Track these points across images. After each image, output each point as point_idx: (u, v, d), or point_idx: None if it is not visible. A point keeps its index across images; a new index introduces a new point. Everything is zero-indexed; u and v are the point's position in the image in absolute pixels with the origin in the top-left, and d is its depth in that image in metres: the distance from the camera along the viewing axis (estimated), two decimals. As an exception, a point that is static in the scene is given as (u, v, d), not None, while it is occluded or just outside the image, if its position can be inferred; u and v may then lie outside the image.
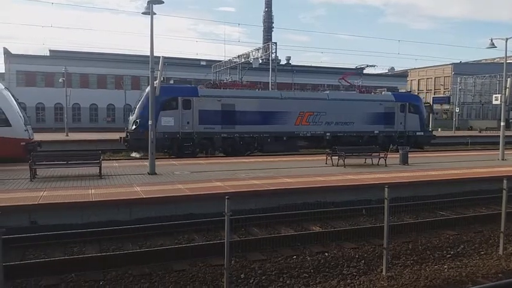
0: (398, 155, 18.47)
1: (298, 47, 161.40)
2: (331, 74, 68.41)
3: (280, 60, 66.92)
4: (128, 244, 8.51)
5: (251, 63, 45.50)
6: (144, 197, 10.62)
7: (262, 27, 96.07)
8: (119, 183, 12.39)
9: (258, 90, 27.93)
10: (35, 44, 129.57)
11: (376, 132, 26.07)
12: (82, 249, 8.20)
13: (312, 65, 72.23)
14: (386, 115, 26.59)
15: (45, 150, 17.16)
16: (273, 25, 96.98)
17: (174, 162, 18.10)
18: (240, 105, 23.04)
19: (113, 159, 19.05)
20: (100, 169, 13.45)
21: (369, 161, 17.92)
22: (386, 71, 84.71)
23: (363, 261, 7.78)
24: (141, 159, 19.65)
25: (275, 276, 7.01)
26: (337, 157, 17.19)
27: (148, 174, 14.12)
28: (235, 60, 48.95)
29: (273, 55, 42.77)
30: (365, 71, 64.74)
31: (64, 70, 38.89)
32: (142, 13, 13.94)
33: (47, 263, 7.16)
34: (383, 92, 29.36)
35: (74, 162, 13.68)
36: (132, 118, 21.81)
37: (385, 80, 74.66)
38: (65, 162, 13.54)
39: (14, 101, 16.94)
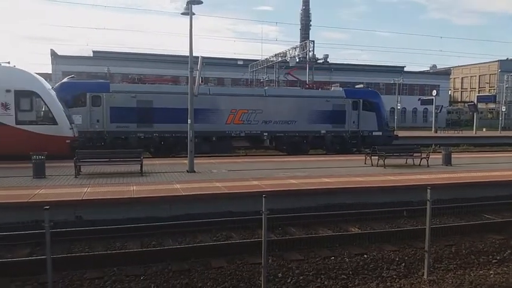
0: (441, 156, 17.89)
1: (337, 45, 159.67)
2: (370, 72, 67.27)
3: (317, 58, 66.27)
4: (168, 240, 8.69)
5: (288, 61, 45.32)
6: (184, 194, 10.82)
7: (300, 26, 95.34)
8: (159, 181, 12.67)
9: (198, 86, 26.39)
10: (80, 45, 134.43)
11: (322, 132, 24.08)
12: (124, 244, 8.43)
13: (351, 63, 71.10)
14: (335, 113, 24.34)
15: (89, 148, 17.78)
16: (311, 23, 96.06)
17: (212, 160, 18.32)
18: (159, 101, 21.24)
19: (153, 157, 19.48)
20: (141, 166, 13.82)
21: (410, 161, 17.45)
22: (428, 69, 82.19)
23: (403, 264, 7.59)
24: (180, 157, 19.98)
25: (313, 277, 6.96)
26: (376, 157, 16.85)
27: (187, 172, 14.37)
28: (272, 59, 48.91)
29: (310, 53, 42.42)
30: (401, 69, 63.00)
31: (107, 70, 40.17)
32: (182, 14, 14.17)
33: (90, 256, 7.42)
34: (332, 88, 27.05)
35: (117, 160, 14.11)
36: None
37: (427, 78, 72.51)
38: (108, 160, 13.99)
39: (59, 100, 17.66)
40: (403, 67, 70.83)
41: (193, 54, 14.60)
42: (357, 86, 28.92)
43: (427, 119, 64.62)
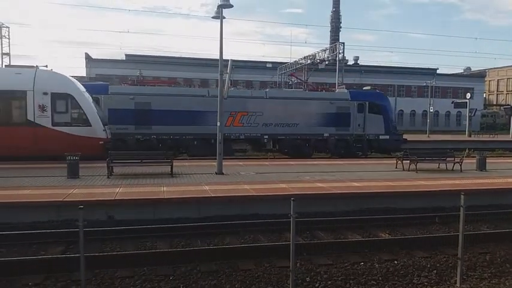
0: (474, 161, 17.35)
1: (367, 47, 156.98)
2: (401, 74, 66.04)
3: (347, 60, 65.57)
4: (197, 241, 8.78)
5: (317, 64, 45.05)
6: (212, 195, 10.91)
7: (330, 28, 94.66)
8: (189, 182, 12.83)
9: (192, 87, 25.64)
10: (113, 48, 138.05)
11: (325, 135, 23.44)
12: (154, 244, 8.58)
13: (382, 65, 70.02)
14: (339, 116, 23.63)
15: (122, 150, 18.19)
16: (341, 25, 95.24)
17: (240, 163, 18.40)
18: (157, 103, 21.15)
19: (183, 159, 19.75)
20: (171, 168, 14.04)
21: (442, 166, 17.01)
22: (462, 71, 79.94)
23: (434, 271, 7.41)
24: (209, 159, 20.15)
25: (341, 282, 6.89)
26: (408, 161, 16.50)
27: (216, 174, 14.50)
28: (301, 61, 48.75)
29: (340, 55, 42.03)
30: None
31: (139, 73, 41.05)
32: (213, 17, 14.33)
33: (122, 255, 7.59)
34: (337, 90, 26.17)
35: (148, 161, 14.38)
36: None
37: (460, 80, 70.58)
38: (139, 161, 14.28)
39: (93, 102, 18.19)
40: (435, 69, 69.19)
41: (223, 58, 14.72)
42: (364, 88, 28.12)
43: (461, 122, 62.75)
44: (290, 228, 6.07)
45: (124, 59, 59.83)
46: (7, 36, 39.84)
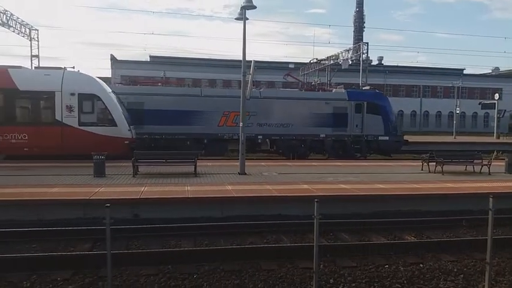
0: (503, 163, 16.89)
1: (392, 47, 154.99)
2: (427, 75, 64.86)
3: (371, 60, 64.85)
4: (220, 240, 8.84)
5: (340, 64, 44.72)
6: (235, 195, 10.96)
7: (353, 28, 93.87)
8: (212, 182, 12.93)
9: (186, 87, 24.94)
10: (138, 50, 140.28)
11: (322, 135, 22.88)
12: (178, 243, 8.68)
13: (407, 65, 68.92)
14: (336, 116, 23.05)
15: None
16: (365, 25, 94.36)
17: (263, 163, 18.41)
18: (150, 103, 21.01)
19: (206, 159, 19.90)
20: (195, 167, 14.17)
21: (469, 168, 16.62)
22: (490, 71, 77.91)
23: (461, 275, 7.25)
24: (232, 159, 20.26)
25: (366, 285, 6.82)
26: (434, 163, 16.19)
27: (239, 174, 14.55)
28: (324, 62, 48.45)
29: (364, 55, 41.65)
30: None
31: (163, 74, 41.64)
32: (236, 19, 14.40)
33: (147, 253, 7.70)
34: (334, 90, 25.42)
35: (172, 161, 14.56)
36: None
37: (488, 81, 68.81)
38: (164, 161, 14.47)
39: (118, 103, 18.53)
40: (462, 69, 67.71)
41: (246, 59, 14.76)
42: (364, 88, 27.57)
43: (488, 123, 61.28)
44: (314, 230, 6.04)
45: (148, 60, 60.72)
46: (36, 39, 40.91)
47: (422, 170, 16.68)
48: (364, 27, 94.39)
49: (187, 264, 7.30)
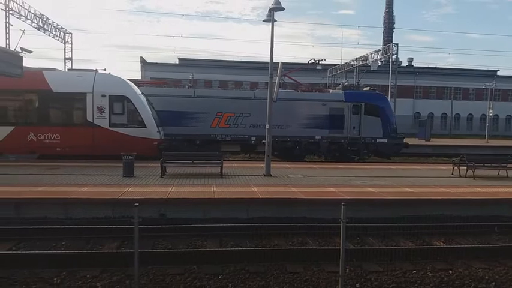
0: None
1: (422, 48, 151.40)
2: (458, 76, 63.17)
3: (401, 62, 63.70)
4: (245, 241, 8.87)
5: (369, 65, 44.15)
6: (261, 197, 10.97)
7: (382, 28, 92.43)
8: (238, 183, 12.98)
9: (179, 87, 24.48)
10: (167, 52, 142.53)
11: (317, 137, 22.21)
12: (203, 243, 8.75)
13: (437, 66, 67.36)
14: (332, 118, 22.38)
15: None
16: (394, 26, 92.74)
17: (288, 165, 18.36)
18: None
19: (232, 160, 20.02)
20: (221, 169, 14.27)
21: (503, 173, 16.07)
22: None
23: (493, 283, 7.04)
24: (257, 161, 20.28)
25: (392, 290, 6.69)
26: (465, 167, 15.74)
27: (264, 175, 14.56)
28: (352, 63, 47.96)
29: (393, 57, 40.96)
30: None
31: (191, 77, 42.16)
32: (264, 20, 14.43)
33: (173, 253, 7.80)
34: (331, 91, 24.77)
35: (199, 162, 14.71)
36: None
37: (525, 82, 66.34)
38: (191, 162, 14.63)
39: (148, 104, 18.86)
40: (495, 71, 65.58)
41: (273, 60, 14.76)
42: (364, 89, 26.92)
43: (524, 127, 59.19)
44: (340, 233, 5.99)
45: (177, 62, 61.56)
46: (70, 42, 42.18)
47: (452, 174, 16.26)
48: (394, 28, 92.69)
49: (213, 265, 7.35)
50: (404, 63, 69.68)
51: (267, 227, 9.59)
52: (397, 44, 40.96)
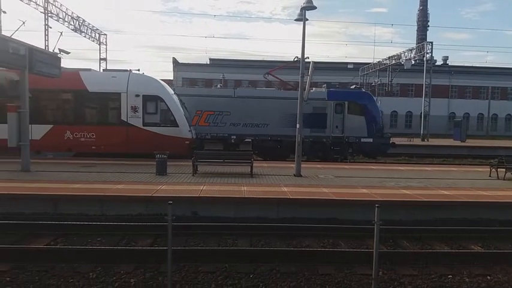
0: None
1: (458, 46, 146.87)
2: (496, 75, 61.01)
3: (435, 60, 62.02)
4: (276, 241, 8.85)
5: (402, 64, 43.29)
6: (291, 197, 10.93)
7: (416, 27, 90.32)
8: (268, 183, 12.98)
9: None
10: (199, 53, 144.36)
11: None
12: (234, 242, 8.78)
13: (474, 65, 65.23)
14: (314, 116, 21.84)
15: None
16: (429, 23, 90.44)
17: (319, 165, 18.23)
18: None
19: (262, 160, 20.04)
20: (251, 168, 14.31)
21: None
22: None
23: (535, 291, 6.73)
24: (287, 161, 20.21)
25: (427, 294, 6.52)
26: (504, 169, 15.17)
27: (294, 176, 14.50)
28: (385, 62, 47.11)
29: (428, 55, 39.99)
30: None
31: (222, 77, 42.50)
32: (295, 20, 14.37)
33: (205, 251, 7.87)
34: (314, 89, 23.81)
35: (229, 161, 14.81)
36: None
37: None
38: (222, 161, 14.75)
39: (180, 104, 19.13)
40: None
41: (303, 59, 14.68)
42: (351, 87, 26.09)
43: None
44: (373, 235, 5.88)
45: (208, 63, 62.20)
46: (104, 43, 43.37)
47: (490, 176, 15.71)
48: (428, 26, 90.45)
49: (244, 264, 7.37)
50: (439, 62, 67.88)
51: (298, 227, 9.54)
52: (431, 43, 40.01)
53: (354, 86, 25.60)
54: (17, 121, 13.82)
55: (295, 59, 28.57)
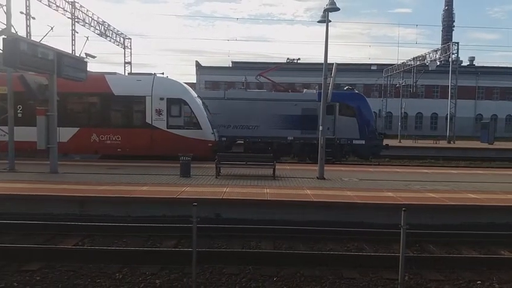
0: None
1: (485, 46, 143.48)
2: (526, 76, 59.26)
3: (461, 61, 60.75)
4: (299, 244, 8.81)
5: (427, 65, 42.53)
6: (314, 200, 10.85)
7: (441, 27, 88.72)
8: (290, 185, 12.93)
9: None
10: (221, 56, 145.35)
11: (289, 138, 21.71)
12: (258, 244, 8.79)
13: (502, 65, 63.56)
14: (305, 118, 21.67)
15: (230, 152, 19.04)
16: (454, 23, 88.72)
17: (342, 168, 18.07)
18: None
19: (284, 163, 20.00)
20: (274, 171, 14.30)
21: None
22: None
23: None
24: (310, 163, 20.10)
25: (456, 300, 6.38)
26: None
27: (317, 178, 14.40)
28: (409, 63, 46.40)
29: (453, 56, 39.19)
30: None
31: (244, 80, 42.67)
32: (318, 21, 14.31)
33: (229, 253, 7.89)
34: (305, 90, 23.66)
35: (252, 163, 14.84)
36: None
37: None
38: (244, 163, 14.79)
39: (203, 107, 19.29)
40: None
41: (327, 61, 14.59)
42: (344, 88, 25.59)
43: None
44: (399, 240, 5.80)
45: (230, 66, 62.54)
46: (129, 47, 44.11)
47: (521, 179, 15.26)
48: (454, 26, 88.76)
49: (268, 266, 7.36)
50: (465, 63, 66.50)
51: (322, 230, 9.47)
52: (457, 43, 39.18)
53: (347, 87, 25.45)
54: (46, 124, 14.18)
55: (288, 61, 28.79)
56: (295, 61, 27.84)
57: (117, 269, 7.21)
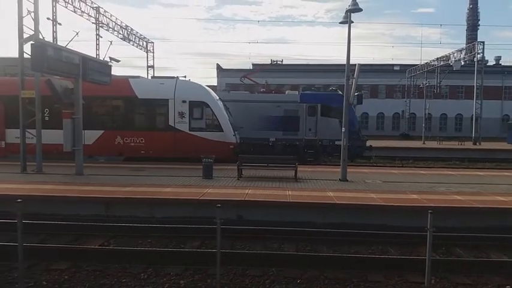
0: None
1: None
2: (555, 75, 57.45)
3: (487, 61, 59.31)
4: (322, 247, 8.74)
5: (451, 65, 41.71)
6: (337, 202, 10.77)
7: (466, 26, 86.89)
8: (312, 187, 12.87)
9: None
10: (242, 58, 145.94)
11: (272, 139, 21.85)
12: (280, 246, 8.77)
13: (529, 65, 61.80)
14: (287, 119, 21.85)
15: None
16: (479, 23, 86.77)
17: (365, 170, 17.87)
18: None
19: (306, 164, 19.91)
20: (295, 172, 14.25)
21: None
22: None
23: None
24: (332, 165, 19.95)
25: (484, 305, 6.22)
26: None
27: (340, 180, 14.28)
28: (433, 63, 45.62)
29: (478, 56, 38.34)
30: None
31: (265, 82, 42.64)
32: (340, 22, 14.21)
33: (252, 254, 7.89)
34: (287, 92, 23.39)
35: (274, 165, 14.83)
36: None
37: None
38: (266, 165, 14.80)
39: (224, 110, 19.40)
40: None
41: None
42: (329, 89, 25.09)
43: None
44: (426, 242, 5.70)
45: (251, 68, 62.62)
46: (152, 51, 44.69)
47: (551, 182, 14.79)
48: (479, 25, 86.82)
49: (291, 269, 7.33)
50: (491, 62, 64.90)
51: (345, 233, 9.38)
52: (483, 42, 38.31)
53: (331, 88, 25.24)
54: (72, 127, 14.48)
55: (275, 62, 28.76)
56: (279, 62, 28.41)
57: (142, 269, 7.31)
